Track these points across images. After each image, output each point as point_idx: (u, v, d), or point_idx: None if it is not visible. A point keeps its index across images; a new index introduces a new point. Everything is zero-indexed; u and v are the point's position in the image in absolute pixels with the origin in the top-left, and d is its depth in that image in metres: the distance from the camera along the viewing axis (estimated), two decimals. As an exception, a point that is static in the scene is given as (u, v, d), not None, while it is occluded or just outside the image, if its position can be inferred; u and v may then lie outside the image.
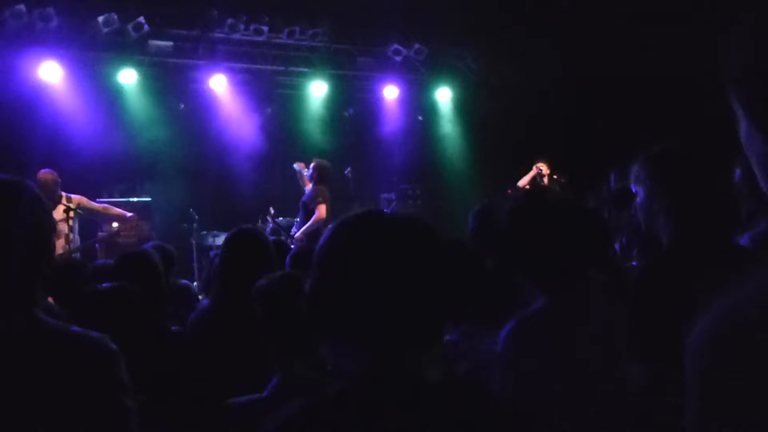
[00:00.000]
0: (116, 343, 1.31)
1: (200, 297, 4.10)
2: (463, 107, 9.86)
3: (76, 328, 1.30)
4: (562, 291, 1.65)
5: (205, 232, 7.89)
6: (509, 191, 7.83)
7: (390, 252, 0.99)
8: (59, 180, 5.90)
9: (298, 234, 6.49)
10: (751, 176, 0.74)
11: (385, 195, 9.19)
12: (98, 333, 1.31)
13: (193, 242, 7.72)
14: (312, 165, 6.80)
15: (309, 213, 6.46)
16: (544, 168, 7.33)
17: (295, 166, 7.23)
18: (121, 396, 1.28)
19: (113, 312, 1.80)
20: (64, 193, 5.97)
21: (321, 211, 6.36)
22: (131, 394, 1.30)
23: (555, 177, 7.29)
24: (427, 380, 0.98)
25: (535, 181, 7.40)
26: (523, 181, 7.48)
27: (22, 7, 7.29)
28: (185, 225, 7.83)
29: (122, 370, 1.30)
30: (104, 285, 1.97)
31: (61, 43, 7.68)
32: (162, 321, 2.10)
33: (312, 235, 6.17)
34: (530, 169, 7.60)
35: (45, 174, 5.79)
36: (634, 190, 1.84)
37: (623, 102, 7.85)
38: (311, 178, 6.75)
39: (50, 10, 7.41)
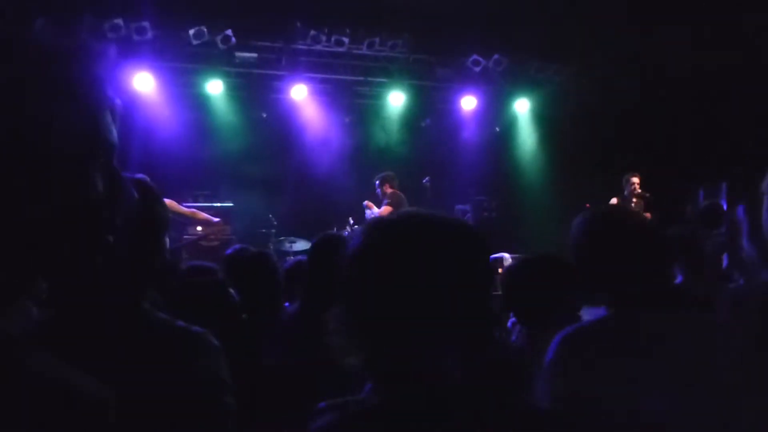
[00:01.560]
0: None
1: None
2: (543, 119, 9.69)
3: (181, 323, 1.31)
4: (632, 304, 1.52)
5: (282, 238, 8.07)
6: (588, 206, 7.61)
7: (433, 253, 0.93)
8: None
9: None
10: None
11: (460, 206, 9.12)
12: (200, 328, 1.31)
13: (271, 247, 7.91)
14: (376, 182, 7.20)
15: None
16: (636, 182, 7.03)
17: (365, 209, 7.43)
18: (223, 394, 1.28)
19: (209, 304, 1.85)
20: (155, 198, 6.26)
21: (382, 211, 6.73)
22: (232, 392, 1.30)
23: (640, 192, 7.02)
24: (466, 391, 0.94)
25: (623, 195, 7.12)
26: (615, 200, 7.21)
27: (120, 21, 7.73)
28: (263, 230, 8.04)
29: (224, 367, 1.30)
30: (201, 278, 2.02)
31: (155, 55, 8.08)
32: (260, 323, 2.15)
33: None
34: (611, 183, 7.35)
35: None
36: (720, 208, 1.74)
37: (712, 116, 7.51)
38: (381, 193, 7.12)
39: (146, 24, 7.82)
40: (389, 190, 7.27)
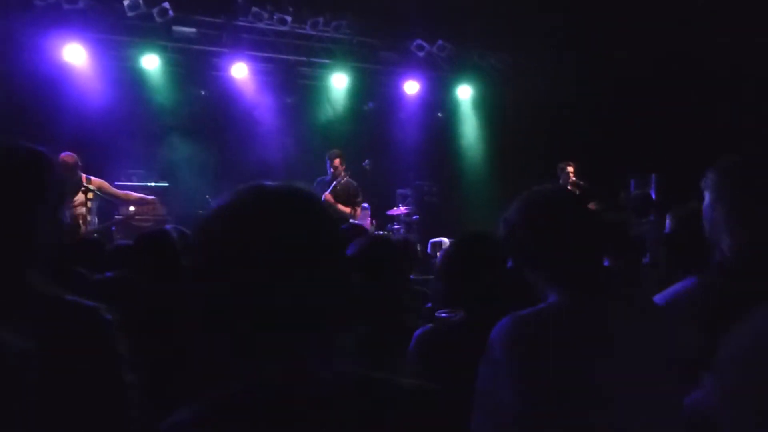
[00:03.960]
0: (127, 326, 1.27)
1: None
2: (484, 106, 9.82)
3: (70, 297, 1.25)
4: (578, 288, 1.49)
5: (220, 220, 7.88)
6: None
7: (277, 233, 0.85)
8: (80, 163, 5.95)
9: None
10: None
11: (401, 190, 9.16)
12: (92, 302, 1.25)
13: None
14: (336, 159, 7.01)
15: None
16: (571, 171, 7.22)
17: None
18: (116, 368, 1.23)
19: (117, 300, 1.80)
20: (84, 175, 6.02)
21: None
22: (129, 367, 1.25)
23: (575, 180, 7.22)
24: (325, 377, 0.88)
25: (558, 184, 7.31)
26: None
27: (49, -13, 7.34)
28: (200, 211, 7.83)
29: (118, 341, 1.24)
30: (107, 274, 1.96)
31: (87, 25, 7.71)
32: (181, 300, 2.10)
33: None
34: (549, 170, 7.52)
35: (66, 157, 5.86)
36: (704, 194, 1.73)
37: (647, 108, 7.78)
38: (335, 172, 6.97)
39: (77, -8, 7.45)
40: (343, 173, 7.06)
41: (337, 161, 6.98)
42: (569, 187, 7.23)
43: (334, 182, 6.91)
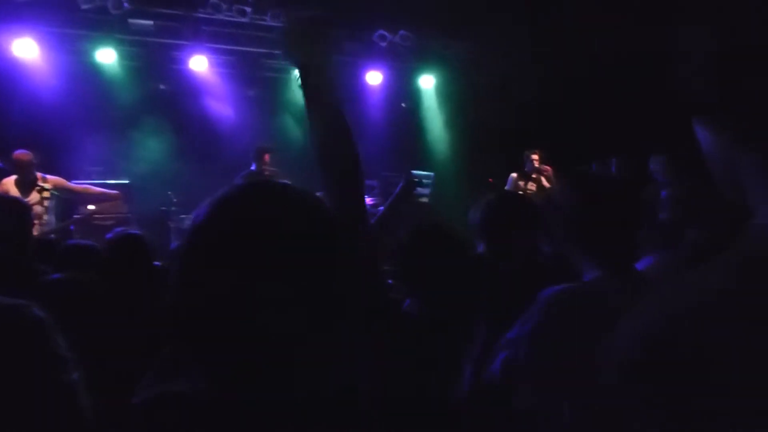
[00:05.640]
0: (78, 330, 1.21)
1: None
2: (447, 95, 9.84)
3: None
4: (619, 264, 1.53)
5: (183, 216, 7.77)
6: (490, 180, 7.85)
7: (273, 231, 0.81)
8: (35, 161, 5.77)
9: None
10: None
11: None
12: (21, 300, 1.14)
13: (171, 226, 7.62)
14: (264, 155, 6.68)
15: None
16: (536, 159, 7.33)
17: None
18: (53, 368, 1.13)
19: (67, 302, 1.74)
20: (40, 174, 5.85)
21: None
22: (70, 366, 1.15)
23: (539, 167, 7.32)
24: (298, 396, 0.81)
25: (523, 171, 7.41)
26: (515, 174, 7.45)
27: (-3, -20, 7.09)
28: (163, 208, 7.72)
29: (54, 339, 1.14)
30: (55, 276, 1.91)
31: (38, 18, 7.47)
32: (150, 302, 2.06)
33: None
34: (514, 158, 7.60)
35: (20, 154, 5.68)
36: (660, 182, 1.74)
37: (611, 97, 7.89)
38: (261, 167, 6.64)
39: (26, -16, 7.21)
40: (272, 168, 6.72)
41: (267, 156, 6.69)
42: (533, 175, 7.33)
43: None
